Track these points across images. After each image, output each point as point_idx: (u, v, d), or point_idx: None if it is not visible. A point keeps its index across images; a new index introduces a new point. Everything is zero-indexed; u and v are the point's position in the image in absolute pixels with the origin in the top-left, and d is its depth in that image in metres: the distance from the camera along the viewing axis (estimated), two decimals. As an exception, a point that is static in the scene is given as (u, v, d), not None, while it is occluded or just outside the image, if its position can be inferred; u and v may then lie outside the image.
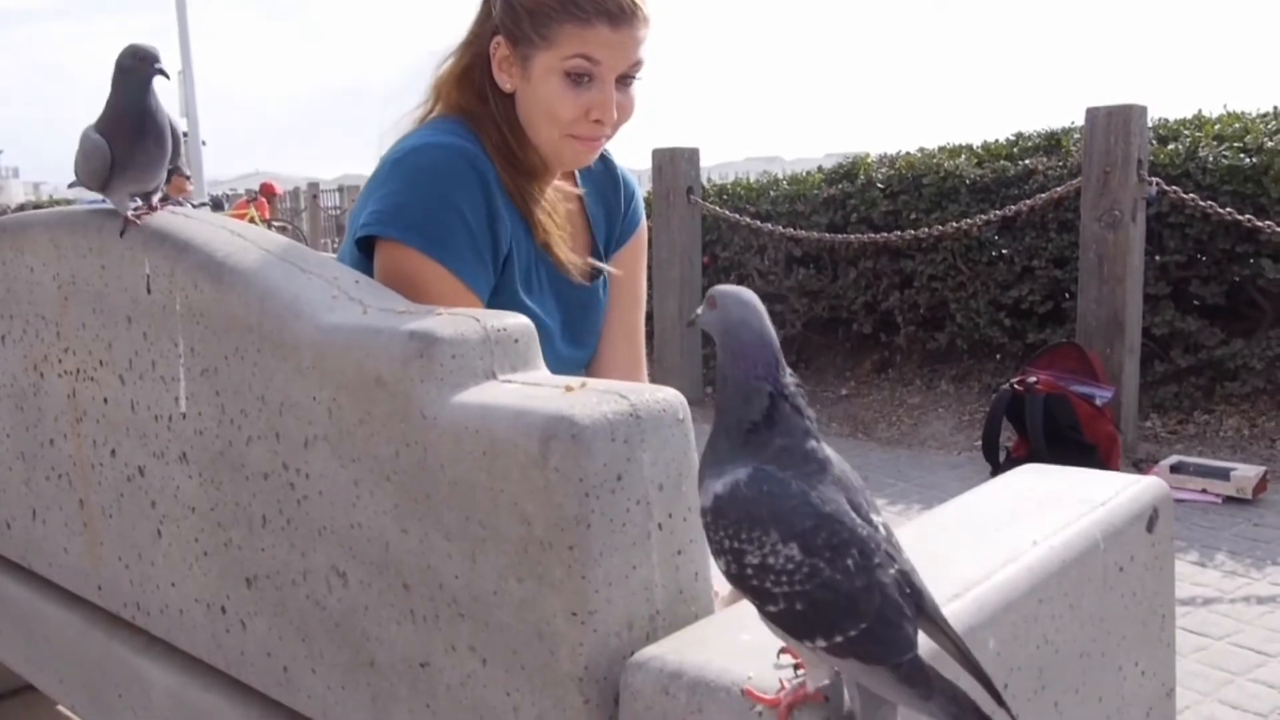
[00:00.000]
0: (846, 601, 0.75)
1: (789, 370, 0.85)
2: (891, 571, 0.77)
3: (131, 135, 1.30)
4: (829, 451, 0.84)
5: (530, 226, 1.48)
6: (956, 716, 0.75)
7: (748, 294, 0.86)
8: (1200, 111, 4.99)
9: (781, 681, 0.82)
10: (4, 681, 2.27)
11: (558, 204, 1.53)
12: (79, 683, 1.61)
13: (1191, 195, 4.26)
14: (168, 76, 1.29)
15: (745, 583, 0.78)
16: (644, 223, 1.71)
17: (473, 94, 1.48)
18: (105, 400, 1.41)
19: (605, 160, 1.65)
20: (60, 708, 2.17)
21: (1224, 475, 3.88)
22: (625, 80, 1.44)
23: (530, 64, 1.42)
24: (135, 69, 1.28)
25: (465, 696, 1.00)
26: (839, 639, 0.75)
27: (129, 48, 1.29)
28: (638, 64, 1.44)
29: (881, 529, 0.81)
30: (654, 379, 1.38)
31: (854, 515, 0.79)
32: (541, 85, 1.42)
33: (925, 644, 0.78)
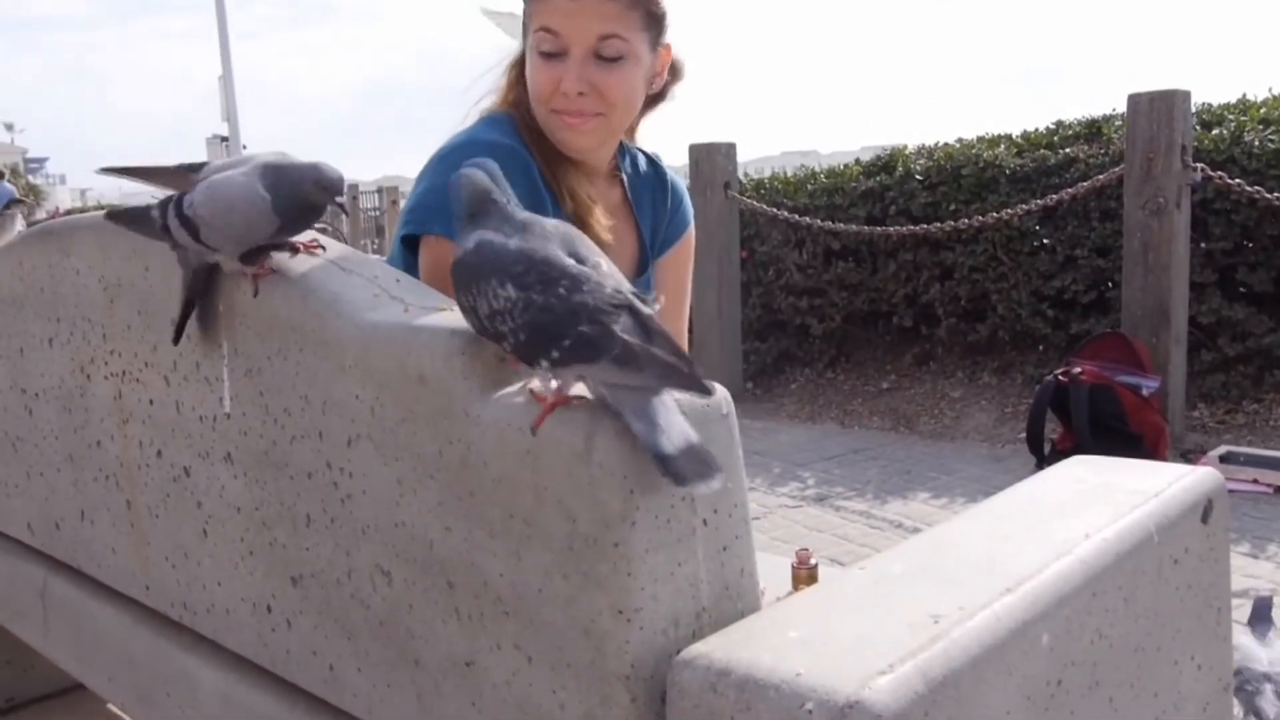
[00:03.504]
0: (557, 319, 0.92)
1: None
2: (602, 292, 0.93)
3: (301, 219, 1.21)
4: (542, 219, 1.01)
5: (560, 204, 1.49)
6: (665, 377, 0.89)
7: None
8: (1245, 95, 4.91)
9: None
10: (55, 680, 2.30)
11: (598, 196, 1.53)
12: (128, 681, 1.62)
13: (1237, 180, 4.19)
14: (346, 213, 1.24)
15: (487, 331, 0.96)
16: (691, 227, 1.70)
17: (516, 85, 1.52)
18: (151, 401, 1.42)
19: (654, 164, 1.67)
20: (110, 706, 2.19)
21: (1275, 465, 3.82)
22: (605, 58, 1.43)
23: (526, 46, 1.47)
24: (311, 191, 1.18)
25: (511, 695, 0.99)
26: (557, 353, 0.91)
27: (313, 172, 1.17)
28: (611, 39, 1.42)
29: (601, 266, 0.97)
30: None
31: (566, 258, 0.96)
32: (528, 64, 1.47)
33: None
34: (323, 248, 1.24)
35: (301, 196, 1.18)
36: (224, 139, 16.52)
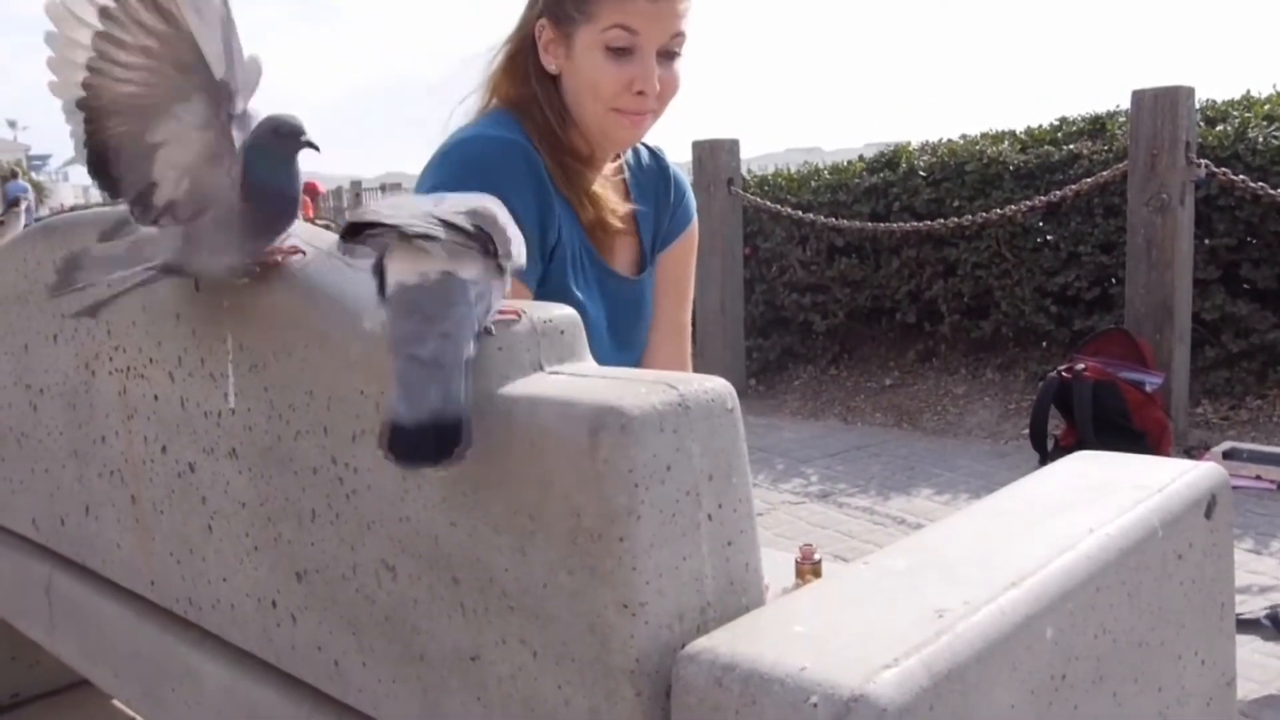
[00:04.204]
0: None
1: None
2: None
3: (273, 213, 1.16)
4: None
5: (577, 210, 1.48)
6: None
7: None
8: (1249, 92, 4.91)
9: None
10: (59, 676, 2.30)
11: (605, 190, 1.53)
12: (133, 677, 1.62)
13: (1241, 177, 4.19)
14: (318, 149, 1.16)
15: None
16: (694, 222, 1.70)
17: (520, 80, 1.49)
18: (155, 397, 1.42)
19: (657, 157, 1.65)
20: (115, 702, 2.20)
21: (1278, 461, 3.81)
22: (668, 54, 1.44)
23: (573, 41, 1.43)
24: (278, 146, 1.13)
25: (516, 689, 0.99)
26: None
27: (270, 122, 1.13)
28: (679, 37, 1.43)
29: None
30: (697, 371, 1.38)
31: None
32: (584, 61, 1.43)
33: None
34: (303, 252, 1.21)
35: (256, 150, 1.13)
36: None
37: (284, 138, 1.14)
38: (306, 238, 1.25)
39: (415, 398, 0.90)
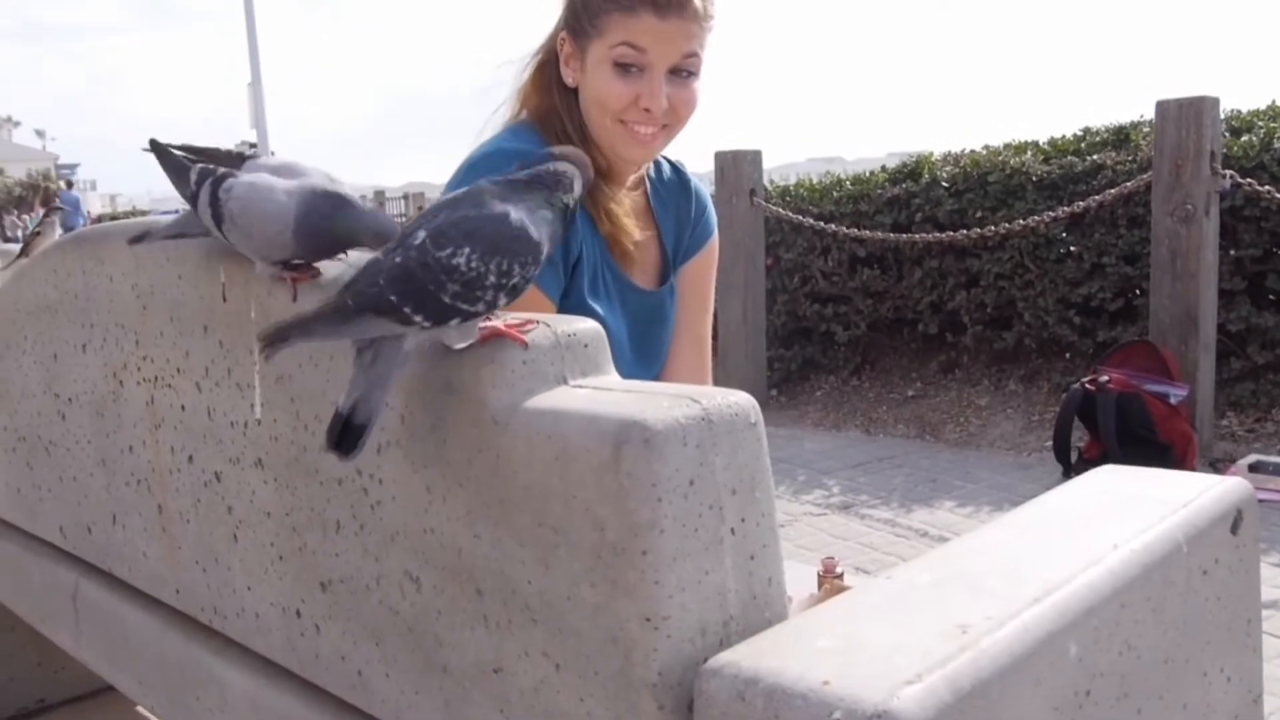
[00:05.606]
0: None
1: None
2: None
3: (327, 252, 1.20)
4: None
5: (597, 224, 1.49)
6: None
7: None
8: (1274, 102, 4.87)
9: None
10: (85, 682, 2.32)
11: (624, 202, 1.54)
12: (158, 684, 1.64)
13: (1267, 188, 4.16)
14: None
15: None
16: (715, 235, 1.70)
17: (544, 91, 1.52)
18: (183, 407, 1.44)
19: (679, 171, 1.66)
20: (139, 709, 2.21)
21: (1305, 475, 3.78)
22: (680, 74, 1.44)
23: (586, 56, 1.46)
24: (366, 242, 1.16)
25: (538, 702, 1.00)
26: None
27: (372, 222, 1.16)
28: (691, 57, 1.44)
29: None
30: (717, 382, 1.38)
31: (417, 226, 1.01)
32: (593, 75, 1.45)
33: None
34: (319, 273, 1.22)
35: (343, 236, 1.16)
36: (252, 145, 16.63)
37: (375, 237, 1.15)
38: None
39: (349, 393, 1.01)
